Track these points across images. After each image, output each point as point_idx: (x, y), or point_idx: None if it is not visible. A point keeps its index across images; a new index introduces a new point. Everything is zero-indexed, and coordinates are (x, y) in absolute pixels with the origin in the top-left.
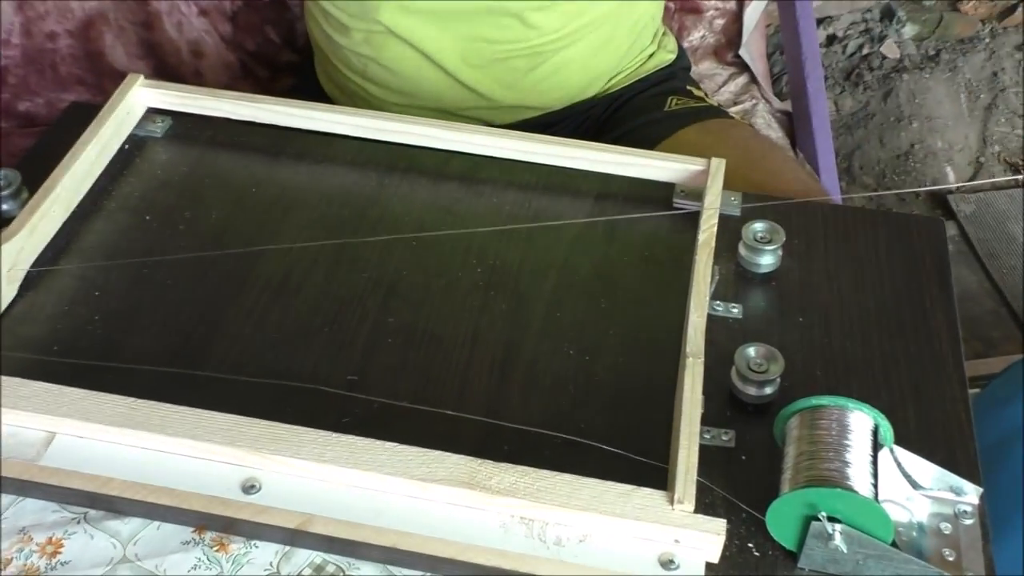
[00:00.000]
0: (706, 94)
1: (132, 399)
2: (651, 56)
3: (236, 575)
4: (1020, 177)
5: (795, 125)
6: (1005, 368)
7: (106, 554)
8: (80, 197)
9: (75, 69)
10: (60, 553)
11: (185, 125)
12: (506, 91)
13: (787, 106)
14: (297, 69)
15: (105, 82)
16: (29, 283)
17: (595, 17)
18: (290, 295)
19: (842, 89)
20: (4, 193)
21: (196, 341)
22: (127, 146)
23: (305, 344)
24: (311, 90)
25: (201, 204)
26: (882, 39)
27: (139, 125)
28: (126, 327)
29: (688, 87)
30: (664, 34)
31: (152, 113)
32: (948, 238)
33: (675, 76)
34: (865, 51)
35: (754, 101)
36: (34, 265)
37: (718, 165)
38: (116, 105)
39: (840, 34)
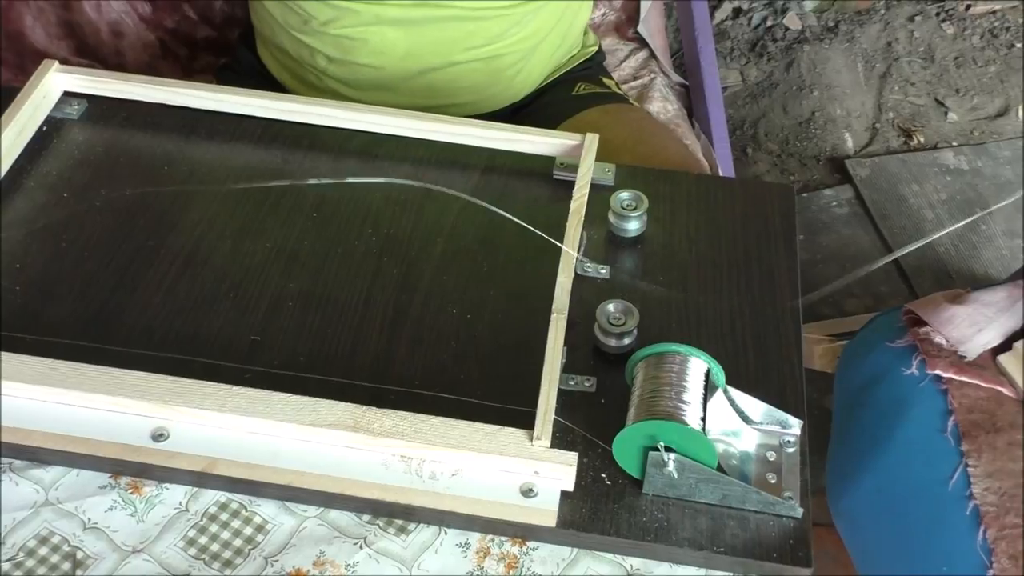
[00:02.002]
0: (617, 84)
1: (51, 360)
2: (575, 54)
3: (149, 514)
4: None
5: (691, 97)
6: (868, 320)
7: (30, 498)
8: (1, 176)
9: None
10: None
11: (100, 107)
12: (456, 93)
13: (684, 79)
14: (223, 48)
15: (26, 63)
16: None
17: (540, 26)
18: (198, 265)
19: (747, 60)
20: None
21: (111, 308)
22: (45, 128)
23: (212, 309)
24: (245, 70)
25: (116, 182)
26: (784, 11)
27: (56, 108)
28: (46, 297)
29: (600, 77)
30: (586, 32)
31: (68, 96)
32: (845, 200)
33: (590, 68)
34: (769, 23)
35: (653, 75)
36: None
37: (591, 140)
38: (33, 89)
39: (745, 7)
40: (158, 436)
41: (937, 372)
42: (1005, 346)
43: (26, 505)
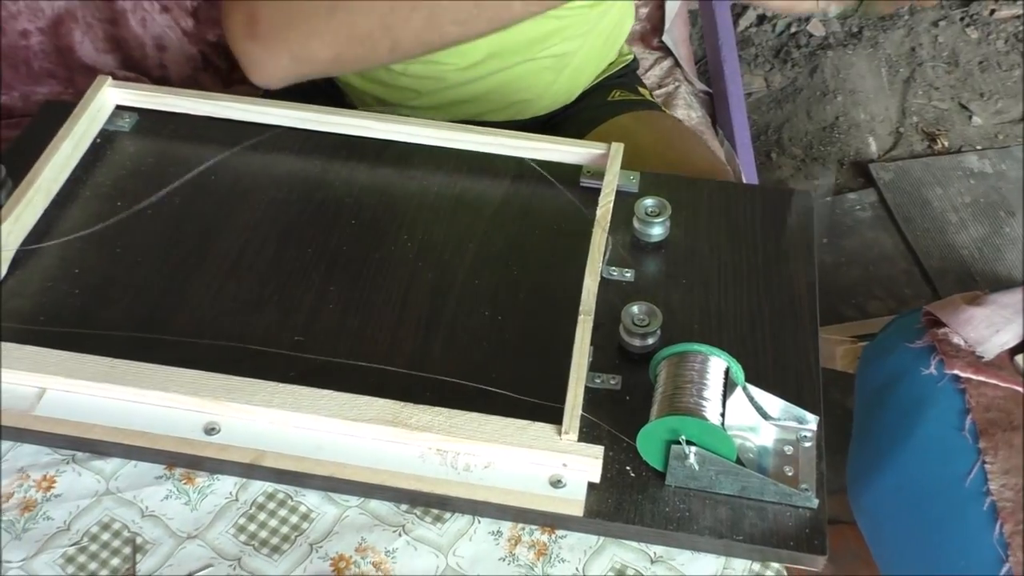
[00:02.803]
0: (650, 93)
1: (110, 359)
2: (614, 61)
3: (202, 503)
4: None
5: (715, 105)
6: (888, 322)
7: (92, 488)
8: (59, 186)
9: (47, 64)
10: (53, 487)
11: (150, 120)
12: (501, 95)
13: (708, 87)
14: None
15: (75, 76)
16: (16, 263)
17: (601, 28)
18: (244, 269)
19: (772, 66)
20: None
21: (162, 311)
22: (99, 140)
23: (257, 311)
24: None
25: (166, 191)
26: (808, 18)
27: (109, 121)
28: (101, 299)
29: (636, 85)
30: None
31: (120, 110)
32: (868, 204)
33: (626, 76)
34: (793, 30)
35: (677, 83)
36: (20, 247)
37: (616, 149)
38: (88, 104)
39: (770, 13)
40: (210, 430)
41: (955, 372)
42: (1022, 346)
43: (89, 494)
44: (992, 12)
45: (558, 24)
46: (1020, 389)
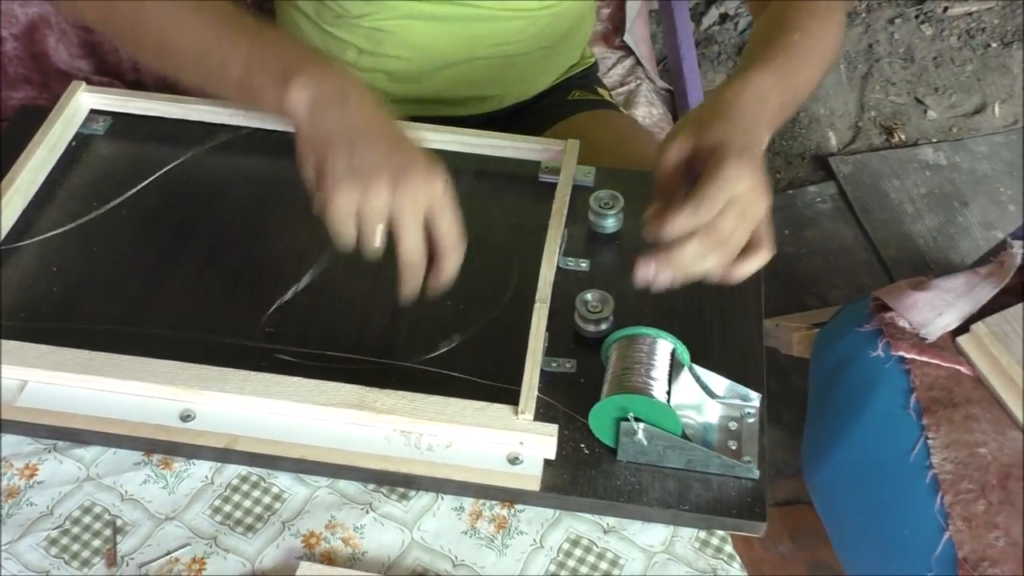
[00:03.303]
0: (610, 93)
1: (89, 351)
2: (575, 64)
3: (179, 486)
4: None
5: (676, 102)
6: (839, 308)
7: (73, 474)
8: (36, 188)
9: (21, 69)
10: (36, 475)
11: (124, 123)
12: (471, 86)
13: (669, 84)
14: None
15: (50, 81)
16: None
17: (552, 31)
18: (217, 264)
19: (734, 63)
20: None
21: (139, 306)
22: (74, 143)
23: (231, 303)
24: None
25: (140, 191)
26: None
27: (83, 125)
28: (80, 295)
29: (595, 85)
30: (585, 46)
31: (95, 114)
32: (828, 196)
33: (586, 77)
34: None
35: (639, 81)
36: (1, 245)
37: (572, 146)
38: (63, 108)
39: (732, 12)
40: (185, 417)
41: (901, 353)
42: (963, 328)
43: (70, 480)
44: (945, 9)
45: (498, 25)
46: (961, 368)
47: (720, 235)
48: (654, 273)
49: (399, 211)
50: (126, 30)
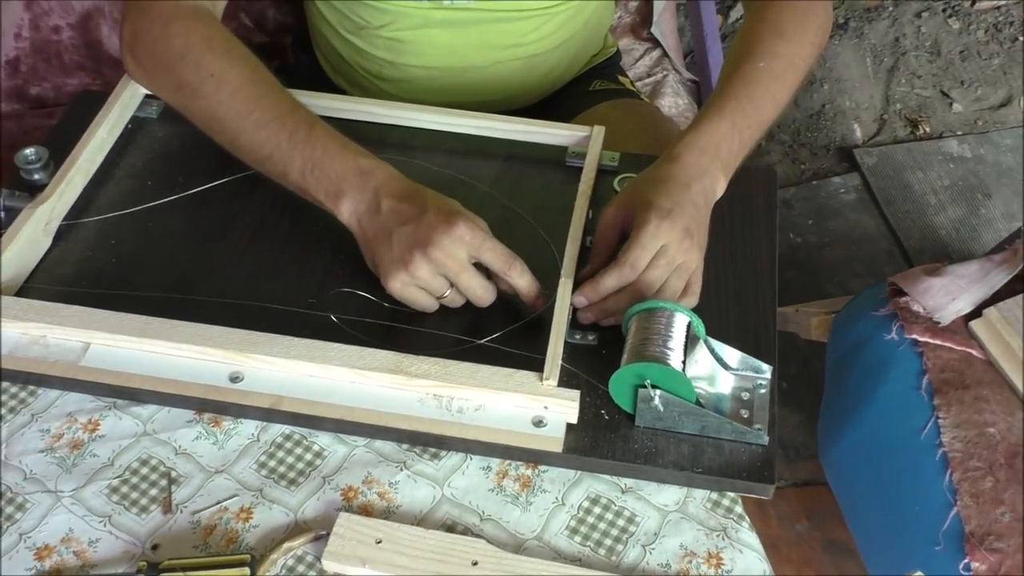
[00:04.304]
0: (631, 82)
1: (145, 316)
2: (597, 54)
3: (228, 443)
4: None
5: (701, 92)
6: (858, 293)
7: (132, 430)
8: (96, 167)
9: (76, 57)
10: (98, 429)
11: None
12: (496, 90)
13: (695, 76)
14: (276, 52)
15: (103, 68)
16: (60, 236)
17: (571, 26)
18: (263, 240)
19: None
20: (37, 166)
21: (190, 275)
22: (130, 126)
23: (275, 276)
24: (301, 73)
25: (191, 171)
26: None
27: (139, 108)
28: (136, 266)
29: (616, 75)
30: (606, 36)
31: (148, 99)
32: (852, 187)
33: (608, 67)
34: None
35: (665, 72)
36: (64, 221)
37: (598, 131)
38: (120, 93)
39: None
40: (234, 378)
41: (914, 336)
42: (976, 313)
43: (129, 435)
44: (973, 3)
45: (514, 26)
46: (973, 352)
47: (650, 287)
48: (582, 307)
49: (444, 271)
50: (203, 126)
